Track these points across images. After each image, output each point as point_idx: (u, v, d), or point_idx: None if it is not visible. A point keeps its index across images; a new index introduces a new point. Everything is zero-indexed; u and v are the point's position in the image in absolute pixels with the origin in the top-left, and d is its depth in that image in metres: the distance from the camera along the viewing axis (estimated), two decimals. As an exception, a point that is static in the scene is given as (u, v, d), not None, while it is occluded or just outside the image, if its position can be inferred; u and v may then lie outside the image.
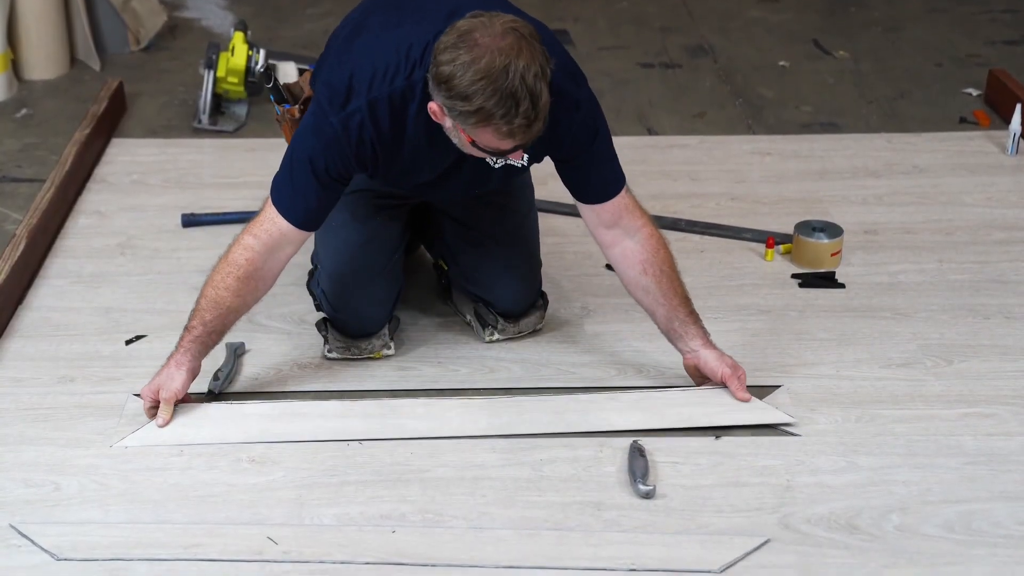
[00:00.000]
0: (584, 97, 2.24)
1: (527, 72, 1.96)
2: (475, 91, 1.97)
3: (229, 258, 2.25)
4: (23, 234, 2.85)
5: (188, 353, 2.27)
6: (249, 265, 2.24)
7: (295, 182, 2.23)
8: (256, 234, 2.25)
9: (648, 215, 2.37)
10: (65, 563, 2.00)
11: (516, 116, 1.98)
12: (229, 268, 2.24)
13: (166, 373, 2.28)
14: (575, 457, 2.26)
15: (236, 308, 2.27)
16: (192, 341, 2.27)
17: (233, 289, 2.24)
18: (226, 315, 2.27)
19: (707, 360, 2.35)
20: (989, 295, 2.78)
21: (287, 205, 2.23)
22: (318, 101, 2.22)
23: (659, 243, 2.35)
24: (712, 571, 1.97)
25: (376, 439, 2.27)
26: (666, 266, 2.34)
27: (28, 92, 3.94)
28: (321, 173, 2.20)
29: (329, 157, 2.19)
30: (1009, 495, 2.16)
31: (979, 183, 3.31)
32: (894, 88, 4.00)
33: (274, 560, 2.01)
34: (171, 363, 2.28)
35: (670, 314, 2.36)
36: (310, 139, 2.21)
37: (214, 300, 2.25)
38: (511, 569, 1.99)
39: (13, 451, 2.27)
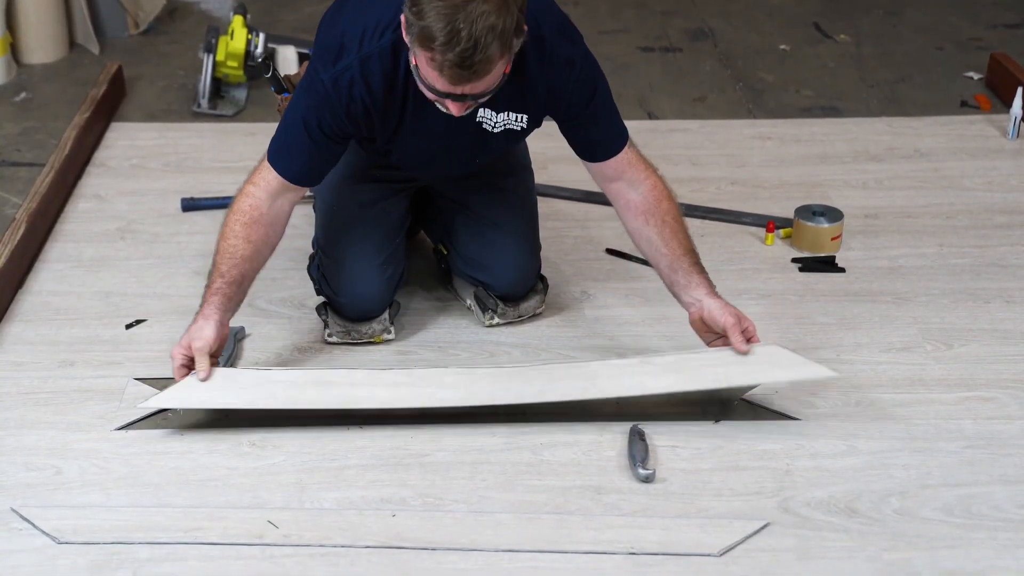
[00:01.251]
0: (579, 55, 2.23)
1: (481, 19, 1.92)
2: (429, 9, 1.94)
3: (234, 208, 2.28)
4: (23, 218, 2.85)
5: (212, 306, 2.25)
6: (254, 211, 2.26)
7: (289, 140, 2.25)
8: (255, 182, 2.27)
9: (651, 167, 2.35)
10: (66, 546, 2.00)
11: (450, 51, 1.94)
12: (235, 216, 2.27)
13: (194, 328, 2.25)
14: (575, 441, 2.26)
15: (250, 256, 2.27)
16: (214, 293, 2.26)
17: (243, 236, 2.25)
18: (241, 264, 2.26)
19: (711, 310, 2.29)
20: (989, 279, 2.78)
21: (283, 162, 2.26)
22: (312, 61, 2.24)
23: (661, 194, 2.33)
24: (711, 554, 1.97)
25: (406, 407, 2.26)
26: (668, 216, 2.32)
27: (27, 76, 3.93)
28: (314, 131, 2.22)
29: (321, 115, 2.20)
30: (1009, 479, 2.16)
31: (980, 167, 3.31)
32: (895, 72, 3.99)
33: (274, 543, 2.01)
34: (197, 319, 2.26)
35: (673, 264, 2.32)
36: (302, 98, 2.23)
37: (227, 250, 2.26)
38: (511, 553, 1.99)
39: (14, 435, 2.28)
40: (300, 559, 1.99)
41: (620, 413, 2.32)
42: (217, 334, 2.24)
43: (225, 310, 2.27)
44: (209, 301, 2.26)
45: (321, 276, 2.55)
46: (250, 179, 2.29)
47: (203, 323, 2.25)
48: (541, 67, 2.19)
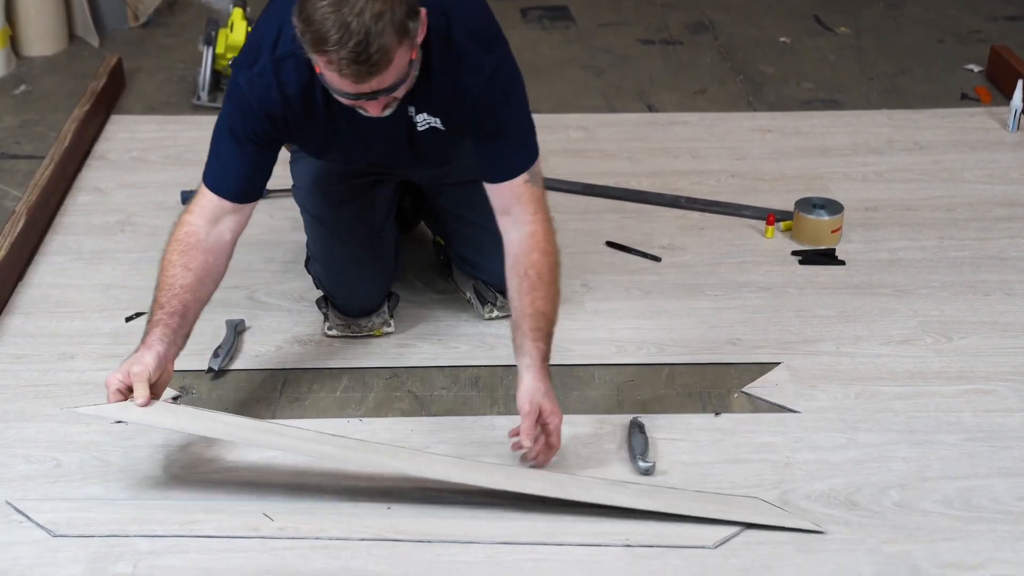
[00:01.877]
0: (491, 63, 2.10)
1: (368, 8, 1.84)
2: (314, 12, 1.86)
3: (171, 237, 2.17)
4: (22, 211, 2.85)
5: (153, 336, 2.09)
6: (190, 237, 2.15)
7: (219, 152, 2.17)
8: (191, 209, 2.18)
9: (544, 212, 2.18)
10: (64, 539, 2.00)
11: (343, 48, 1.85)
12: (172, 245, 2.16)
13: (134, 355, 2.09)
14: (575, 434, 2.26)
15: (191, 286, 2.13)
16: (155, 325, 2.10)
17: (181, 264, 2.13)
18: (182, 294, 2.12)
19: (520, 386, 2.10)
20: (989, 272, 2.78)
21: (215, 178, 2.17)
22: (234, 64, 2.17)
23: (535, 246, 2.15)
24: (707, 546, 1.97)
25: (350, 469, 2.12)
26: (532, 271, 2.14)
27: (27, 68, 3.93)
28: (241, 138, 2.14)
29: (244, 119, 2.13)
30: (1008, 471, 2.16)
31: (980, 159, 3.31)
32: (895, 64, 3.99)
33: (272, 536, 2.01)
34: (139, 348, 2.10)
35: (516, 320, 2.15)
36: (226, 104, 2.16)
37: (166, 281, 2.14)
38: (507, 545, 1.99)
39: (14, 427, 2.28)
40: (301, 551, 1.99)
41: (619, 406, 2.32)
42: (158, 364, 2.06)
43: (169, 343, 2.09)
44: (151, 332, 2.10)
45: (314, 274, 2.56)
46: (188, 207, 2.20)
47: (144, 351, 2.07)
48: (447, 69, 2.08)
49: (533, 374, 2.10)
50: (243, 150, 2.15)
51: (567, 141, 3.41)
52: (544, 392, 2.10)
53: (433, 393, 2.40)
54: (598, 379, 2.44)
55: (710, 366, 2.47)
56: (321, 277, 2.54)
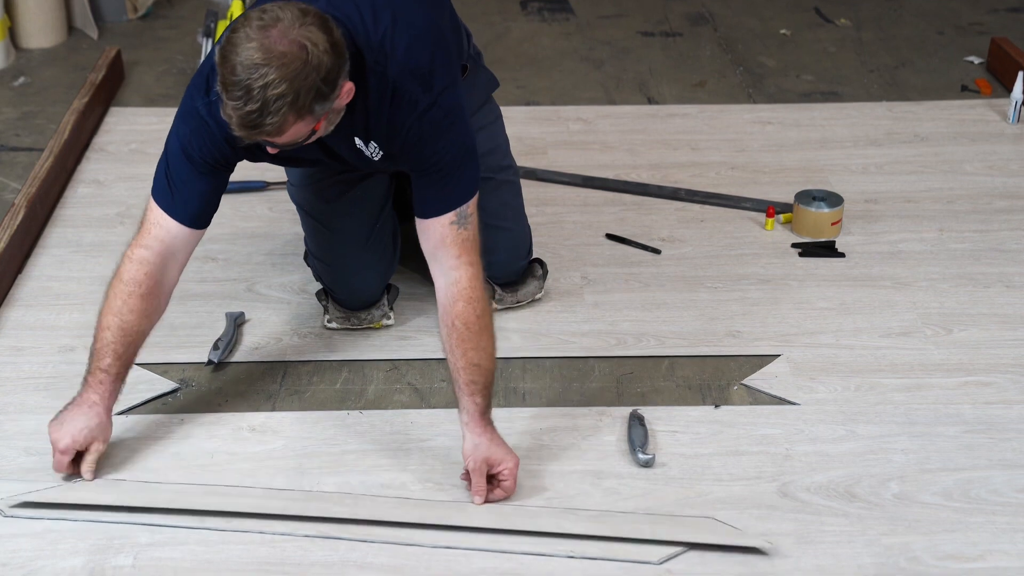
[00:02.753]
0: (425, 100, 2.04)
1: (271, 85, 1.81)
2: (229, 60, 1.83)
3: (125, 278, 2.07)
4: (22, 203, 2.85)
5: (110, 396, 2.09)
6: (149, 279, 2.08)
7: (173, 177, 2.09)
8: (146, 244, 2.09)
9: (470, 257, 2.09)
10: (63, 532, 2.01)
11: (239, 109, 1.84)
12: (130, 288, 2.07)
13: (94, 423, 2.07)
14: (574, 426, 2.26)
15: (144, 331, 2.10)
16: (114, 380, 2.08)
17: (139, 311, 2.07)
18: (135, 341, 2.09)
19: (464, 444, 2.05)
20: (989, 264, 2.78)
21: (170, 203, 2.09)
22: (188, 88, 2.12)
23: (460, 295, 2.06)
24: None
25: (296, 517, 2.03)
26: (459, 321, 2.05)
27: (26, 60, 3.92)
28: (198, 162, 2.09)
29: (201, 143, 2.07)
30: (1008, 463, 2.16)
31: (980, 151, 3.30)
32: (895, 56, 3.98)
33: (272, 532, 2.01)
34: (92, 412, 2.08)
35: (452, 375, 2.07)
36: (181, 126, 2.10)
37: (121, 329, 2.06)
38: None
39: (14, 420, 2.28)
40: (300, 543, 1.99)
41: (619, 398, 2.32)
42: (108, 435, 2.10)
43: (113, 397, 2.10)
44: (98, 390, 2.08)
45: (313, 268, 2.56)
46: (139, 241, 2.10)
47: (104, 420, 2.09)
48: (381, 106, 2.04)
49: (472, 430, 2.05)
50: (200, 173, 2.09)
51: (567, 133, 3.41)
52: (487, 445, 2.05)
53: (433, 385, 2.40)
54: (598, 371, 2.44)
55: (710, 358, 2.47)
56: (319, 271, 2.54)
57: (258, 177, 3.12)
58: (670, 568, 1.94)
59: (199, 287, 2.69)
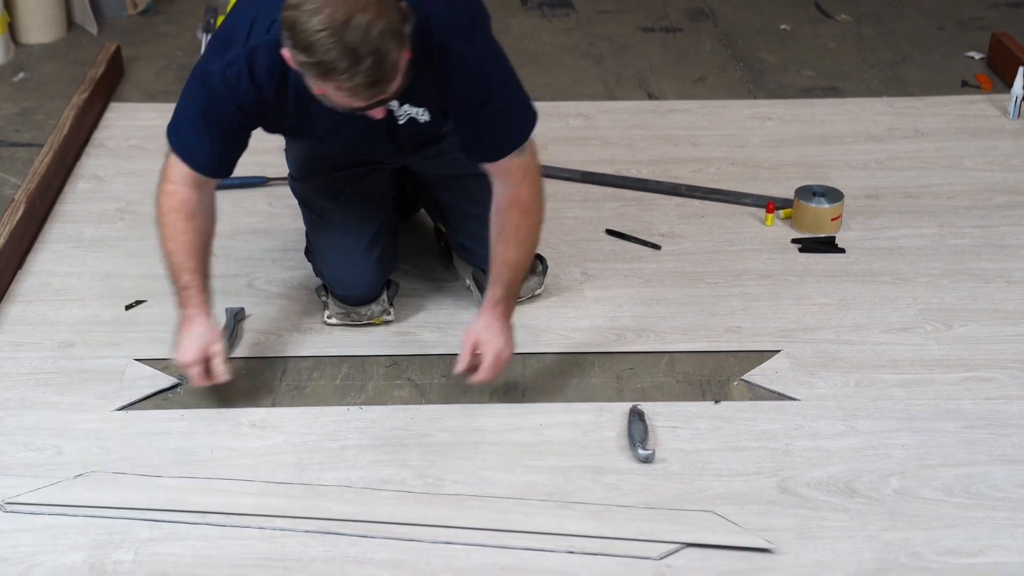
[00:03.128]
0: (472, 56, 2.09)
1: (372, 28, 1.82)
2: (315, 41, 1.83)
3: (164, 209, 2.22)
4: (22, 199, 2.85)
5: (205, 306, 2.25)
6: (188, 205, 2.21)
7: (190, 130, 2.19)
8: (172, 179, 2.21)
9: (534, 176, 2.23)
10: (64, 527, 2.01)
11: (357, 74, 1.84)
12: (172, 216, 2.21)
13: (200, 330, 2.22)
14: (575, 422, 2.26)
15: (203, 245, 2.25)
16: (200, 294, 2.24)
17: (190, 229, 2.21)
18: (201, 255, 2.24)
19: (474, 321, 2.27)
20: (989, 259, 2.78)
21: (191, 155, 2.19)
22: (206, 50, 2.18)
23: (517, 204, 2.21)
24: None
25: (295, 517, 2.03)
26: (509, 225, 2.22)
27: (25, 56, 3.92)
28: (212, 124, 2.15)
29: (215, 107, 2.13)
30: (1008, 458, 2.16)
31: (981, 147, 3.30)
32: (896, 52, 3.98)
33: (272, 528, 2.02)
34: (195, 321, 2.23)
35: (491, 260, 2.27)
36: (196, 88, 2.16)
37: (183, 249, 2.22)
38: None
39: (14, 415, 2.28)
40: (300, 538, 1.99)
41: (619, 394, 2.32)
42: (215, 330, 2.24)
43: (208, 303, 2.25)
44: (194, 296, 2.23)
45: (313, 263, 2.56)
46: (166, 177, 2.22)
47: (208, 325, 2.23)
48: (429, 62, 2.05)
49: (481, 313, 2.26)
50: (212, 133, 2.17)
51: (567, 129, 3.41)
52: (483, 327, 2.23)
53: (433, 381, 2.40)
54: (598, 367, 2.44)
55: (710, 354, 2.47)
56: (320, 266, 2.54)
57: (258, 172, 3.13)
58: (670, 563, 1.94)
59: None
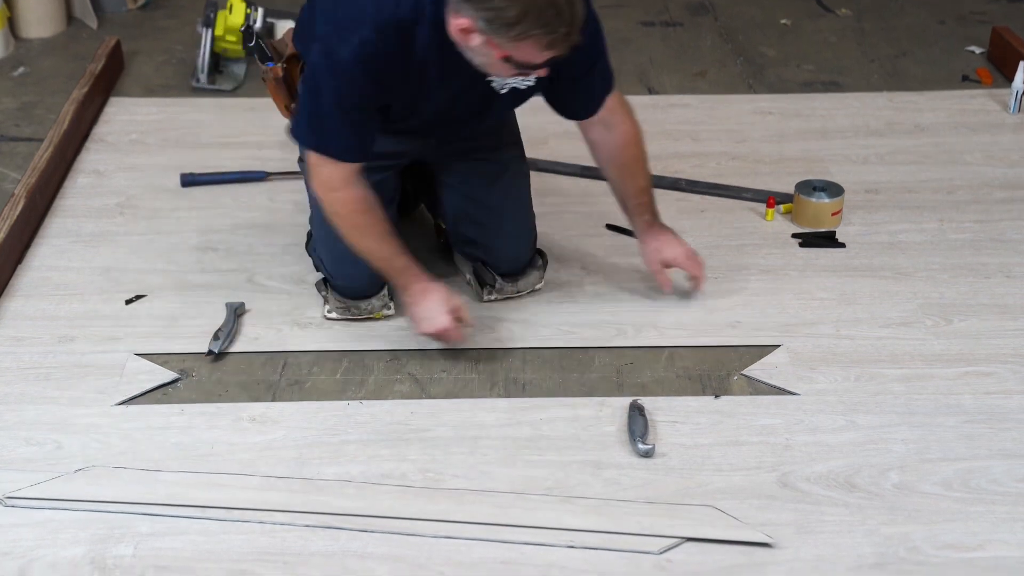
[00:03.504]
0: (589, 17, 2.22)
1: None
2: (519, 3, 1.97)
3: (343, 214, 2.29)
4: (22, 193, 2.85)
5: (420, 278, 2.35)
6: (360, 201, 2.28)
7: (335, 128, 2.23)
8: (332, 185, 2.27)
9: (629, 112, 2.46)
10: (64, 522, 2.01)
11: (560, 25, 2.00)
12: (355, 218, 2.29)
13: (440, 295, 2.34)
14: (575, 416, 2.26)
15: (392, 228, 2.33)
16: (416, 264, 2.35)
17: (377, 221, 2.30)
18: (396, 237, 2.33)
19: (643, 250, 2.55)
20: (989, 254, 2.78)
21: (341, 150, 2.25)
22: (324, 41, 2.20)
23: (629, 139, 2.45)
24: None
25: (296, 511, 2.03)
26: (631, 161, 2.48)
27: (25, 50, 3.92)
28: (350, 110, 2.21)
29: (352, 91, 2.19)
30: (1008, 453, 2.17)
31: (981, 142, 3.30)
32: (896, 46, 3.97)
33: (273, 522, 2.02)
34: (427, 292, 2.34)
35: (621, 201, 2.55)
36: (328, 80, 2.19)
37: (381, 237, 2.31)
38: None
39: (14, 410, 2.28)
40: (300, 533, 1.99)
41: (619, 388, 2.32)
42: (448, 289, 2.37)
43: (424, 275, 2.36)
44: (417, 276, 2.35)
45: (319, 258, 2.56)
46: (326, 185, 2.28)
47: (436, 289, 2.35)
48: None
49: (645, 239, 2.54)
50: (353, 120, 2.23)
51: (567, 123, 3.38)
52: (661, 246, 2.53)
53: (433, 376, 2.40)
54: (598, 362, 2.44)
55: (710, 348, 2.47)
56: (324, 259, 2.54)
57: (259, 167, 3.13)
58: (670, 558, 1.94)
59: (199, 278, 2.69)
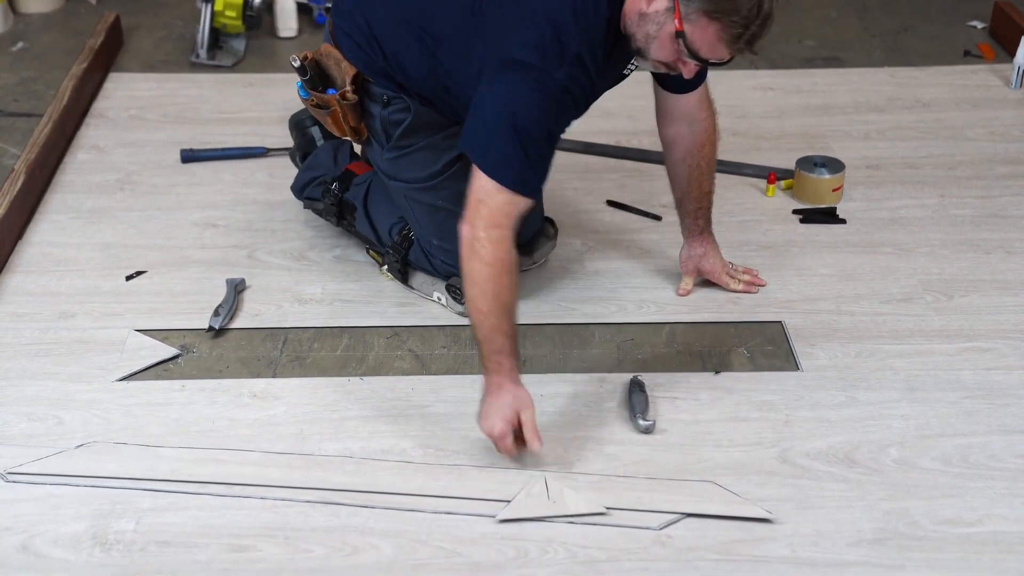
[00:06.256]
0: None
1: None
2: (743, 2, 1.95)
3: (491, 260, 2.02)
4: (22, 169, 2.84)
5: (512, 370, 2.05)
6: (512, 253, 2.05)
7: (536, 157, 2.07)
8: (499, 224, 2.03)
9: (712, 106, 2.44)
10: (66, 497, 2.01)
11: (751, 26, 1.97)
12: (502, 268, 2.03)
13: (508, 399, 2.03)
14: (575, 392, 2.26)
15: (516, 300, 2.07)
16: (509, 355, 2.04)
17: (511, 287, 2.04)
18: (513, 313, 2.06)
19: (682, 252, 2.53)
20: (990, 230, 2.78)
21: (533, 184, 2.08)
22: (527, 66, 2.04)
23: (708, 139, 2.43)
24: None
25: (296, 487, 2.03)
26: (704, 162, 2.44)
27: (24, 25, 3.90)
28: (556, 136, 2.12)
29: (564, 115, 2.10)
30: (1007, 428, 2.17)
31: (982, 117, 3.29)
32: (898, 21, 3.96)
33: (274, 498, 2.02)
34: (506, 387, 2.04)
35: (680, 200, 2.51)
36: (540, 105, 2.04)
37: (505, 306, 2.04)
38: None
39: (16, 385, 2.28)
40: (301, 508, 2.00)
41: (620, 365, 2.32)
42: (526, 396, 2.05)
43: (518, 368, 2.07)
44: (502, 368, 2.04)
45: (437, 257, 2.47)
46: (490, 221, 2.03)
47: (522, 392, 2.05)
48: None
49: (690, 244, 2.53)
50: (553, 148, 2.14)
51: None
52: (702, 255, 2.52)
53: (433, 352, 2.40)
54: (598, 338, 2.44)
55: (710, 324, 2.47)
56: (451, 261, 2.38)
57: (258, 143, 3.12)
58: (670, 533, 1.94)
59: (200, 253, 2.69)
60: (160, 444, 2.13)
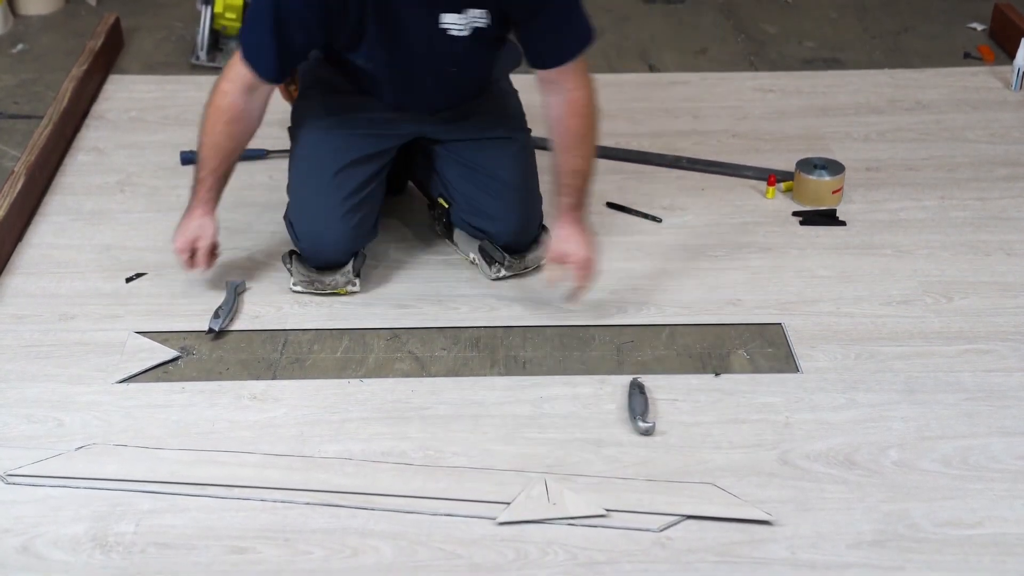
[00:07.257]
0: None
1: None
2: None
3: (213, 106, 2.40)
4: (22, 170, 2.84)
5: (208, 203, 2.45)
6: (233, 108, 2.38)
7: (261, 30, 2.30)
8: (229, 77, 2.38)
9: (587, 81, 2.37)
10: (66, 499, 2.01)
11: None
12: (217, 115, 2.39)
13: (196, 223, 2.46)
14: (575, 394, 2.27)
15: (233, 149, 2.43)
16: (208, 191, 2.44)
17: (225, 133, 2.40)
18: (226, 158, 2.43)
19: (555, 233, 2.43)
20: (990, 232, 2.78)
21: (254, 54, 2.34)
22: None
23: (575, 111, 2.36)
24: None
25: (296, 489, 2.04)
26: (569, 134, 2.38)
27: (24, 27, 3.91)
28: (286, 20, 2.27)
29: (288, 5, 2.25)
30: (1007, 430, 2.17)
31: (982, 119, 3.29)
32: (898, 23, 3.96)
33: (273, 499, 2.02)
34: (195, 213, 2.46)
35: (554, 178, 2.43)
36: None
37: (213, 146, 2.41)
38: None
39: (15, 387, 2.28)
40: (301, 510, 2.00)
41: (620, 366, 2.32)
42: (216, 228, 2.47)
43: (216, 202, 2.47)
44: (204, 198, 2.45)
45: (288, 221, 2.56)
46: (225, 75, 2.39)
47: (205, 220, 2.46)
48: None
49: (557, 224, 2.42)
50: (285, 32, 2.29)
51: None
52: (564, 238, 2.40)
53: (434, 354, 2.40)
54: (598, 340, 2.44)
55: (710, 327, 2.47)
56: (292, 219, 2.55)
57: (258, 145, 3.12)
58: (669, 535, 1.95)
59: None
60: (160, 446, 2.13)
